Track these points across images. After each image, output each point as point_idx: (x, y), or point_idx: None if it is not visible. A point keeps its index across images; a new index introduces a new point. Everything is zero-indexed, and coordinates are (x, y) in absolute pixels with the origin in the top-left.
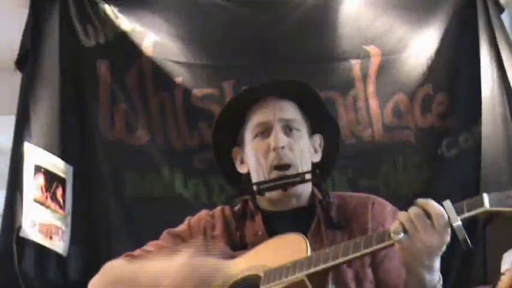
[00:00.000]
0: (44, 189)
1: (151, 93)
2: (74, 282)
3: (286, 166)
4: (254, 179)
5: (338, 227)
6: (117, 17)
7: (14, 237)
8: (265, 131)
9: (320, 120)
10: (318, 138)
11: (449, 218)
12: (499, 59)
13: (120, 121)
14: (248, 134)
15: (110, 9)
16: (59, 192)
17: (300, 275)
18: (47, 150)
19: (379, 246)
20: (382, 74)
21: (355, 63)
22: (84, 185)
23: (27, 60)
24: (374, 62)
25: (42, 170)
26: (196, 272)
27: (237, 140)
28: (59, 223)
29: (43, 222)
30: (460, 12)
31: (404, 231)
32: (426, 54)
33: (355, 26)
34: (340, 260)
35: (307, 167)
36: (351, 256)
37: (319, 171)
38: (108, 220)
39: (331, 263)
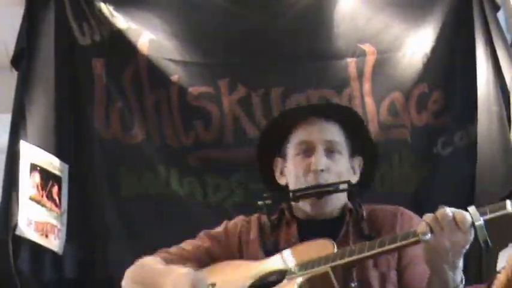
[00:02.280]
0: (39, 187)
1: (147, 92)
2: (70, 280)
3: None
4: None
5: (367, 238)
6: (112, 15)
7: (9, 235)
8: (307, 150)
9: (361, 143)
10: (358, 160)
11: (472, 218)
12: (494, 58)
13: (116, 119)
14: (291, 149)
15: (105, 8)
16: (55, 190)
17: (325, 266)
18: (43, 149)
19: (403, 242)
20: (378, 73)
21: (351, 62)
22: (79, 183)
23: (23, 58)
24: (369, 61)
25: (38, 168)
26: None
27: (280, 152)
28: (54, 221)
29: (39, 221)
30: (455, 11)
31: (431, 231)
32: (422, 52)
33: (351, 24)
34: (365, 254)
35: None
36: (376, 251)
37: (355, 186)
38: (103, 218)
39: (355, 257)
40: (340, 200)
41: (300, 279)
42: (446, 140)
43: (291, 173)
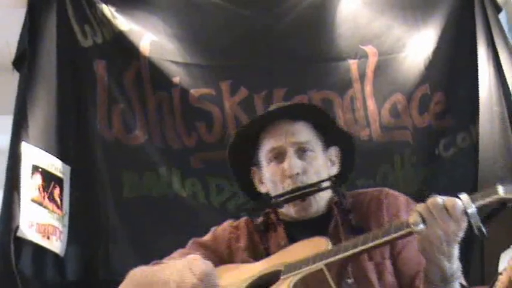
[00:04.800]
0: (41, 189)
1: (149, 93)
2: (71, 282)
3: None
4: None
5: (356, 229)
6: (114, 17)
7: (11, 237)
8: (278, 156)
9: (334, 134)
10: (334, 151)
11: (464, 205)
12: (496, 59)
13: (118, 121)
14: (263, 158)
15: (107, 9)
16: (57, 192)
17: (319, 264)
18: (45, 150)
19: (397, 234)
20: (380, 74)
21: (353, 63)
22: (81, 185)
23: (25, 60)
24: (371, 62)
25: (40, 169)
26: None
27: (253, 161)
28: (56, 223)
29: (40, 222)
30: (457, 12)
31: (423, 221)
32: (424, 54)
33: (353, 26)
34: (359, 248)
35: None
36: (369, 244)
37: (336, 179)
38: (105, 220)
39: (350, 252)
40: (323, 197)
41: (294, 278)
42: (448, 141)
43: (268, 181)
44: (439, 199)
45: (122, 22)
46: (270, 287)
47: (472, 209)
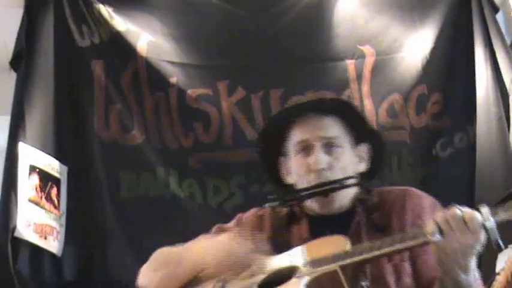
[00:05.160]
0: (38, 189)
1: (146, 93)
2: (69, 282)
3: None
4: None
5: (379, 228)
6: (111, 17)
7: (8, 238)
8: (305, 149)
9: (364, 131)
10: (364, 147)
11: (483, 219)
12: (493, 59)
13: (115, 121)
14: (291, 149)
15: (104, 10)
16: (54, 192)
17: (334, 265)
18: (42, 150)
19: (413, 243)
20: (377, 74)
21: (350, 63)
22: (79, 185)
23: (22, 60)
24: (369, 62)
25: (37, 170)
26: (235, 254)
27: (282, 151)
28: (53, 223)
29: (38, 222)
30: (454, 12)
31: (440, 231)
32: (421, 54)
33: (350, 26)
34: (375, 253)
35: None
36: (385, 250)
37: (363, 176)
38: (102, 220)
39: (364, 256)
40: (348, 193)
41: (307, 278)
42: (445, 141)
43: (294, 173)
44: (458, 211)
45: (119, 22)
46: (284, 283)
47: (490, 223)
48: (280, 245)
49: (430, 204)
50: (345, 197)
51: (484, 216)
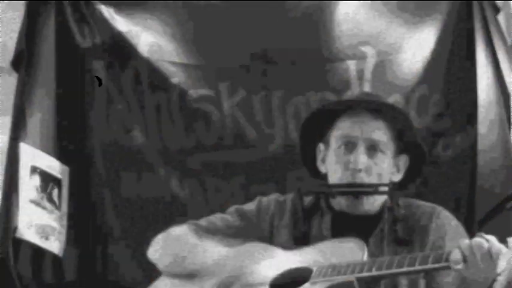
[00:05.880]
0: (40, 189)
1: (147, 94)
2: (70, 282)
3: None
4: (330, 181)
5: (400, 242)
6: (113, 18)
7: (10, 238)
8: (349, 144)
9: (408, 142)
10: (403, 158)
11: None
12: (495, 60)
13: (116, 122)
14: (333, 140)
15: (105, 10)
16: (55, 192)
17: (351, 276)
18: (43, 151)
19: (434, 266)
20: (378, 75)
21: (351, 64)
22: (80, 185)
23: (23, 60)
24: (370, 63)
25: (38, 170)
26: (248, 251)
27: (323, 138)
28: (54, 224)
29: (39, 223)
30: (456, 13)
31: (464, 260)
32: (422, 55)
33: (351, 26)
34: (393, 270)
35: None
36: (403, 269)
37: (396, 186)
38: (104, 221)
39: (382, 272)
40: (378, 199)
41: (322, 285)
42: (446, 142)
43: (331, 164)
44: (485, 241)
45: (121, 23)
46: (296, 286)
47: None
48: (298, 236)
49: (455, 227)
50: (375, 202)
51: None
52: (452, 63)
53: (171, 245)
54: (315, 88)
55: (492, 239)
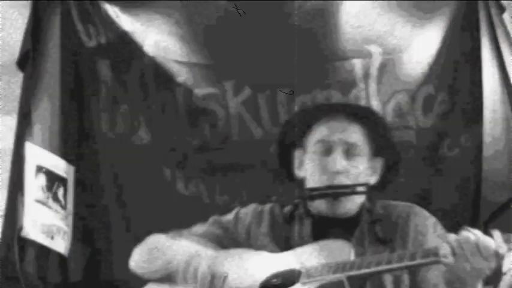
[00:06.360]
0: (45, 189)
1: (153, 93)
2: (75, 282)
3: None
4: (308, 186)
5: (382, 241)
6: (118, 17)
7: (15, 238)
8: (326, 149)
9: (383, 145)
10: (379, 161)
11: (497, 245)
12: (500, 59)
13: (122, 121)
14: (311, 145)
15: (111, 9)
16: (60, 192)
17: (341, 275)
18: (49, 151)
19: (423, 261)
20: (384, 74)
21: (357, 63)
22: (85, 185)
23: (29, 60)
24: (376, 62)
25: (44, 170)
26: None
27: (300, 143)
28: (60, 223)
29: (44, 222)
30: (461, 12)
31: (453, 253)
32: (428, 53)
33: (357, 25)
34: (383, 267)
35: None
36: (393, 265)
37: (372, 188)
38: (109, 220)
39: (373, 269)
40: (356, 201)
41: (312, 285)
42: (452, 141)
43: (308, 168)
44: (472, 236)
45: (126, 22)
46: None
47: (503, 250)
48: (279, 243)
49: (433, 224)
50: (353, 203)
51: (497, 243)
52: (458, 62)
53: (147, 252)
54: (321, 86)
55: (478, 233)
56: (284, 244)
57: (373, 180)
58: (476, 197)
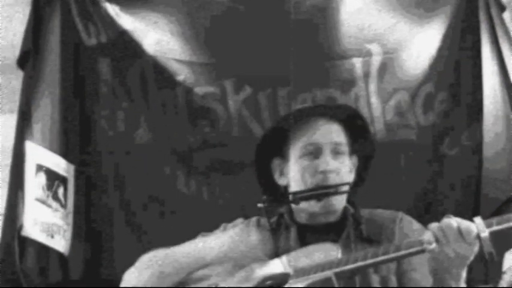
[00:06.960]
0: (45, 188)
1: (153, 92)
2: (75, 281)
3: None
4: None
5: (367, 240)
6: (118, 16)
7: (15, 236)
8: (314, 152)
9: (360, 143)
10: (354, 159)
11: (478, 230)
12: (500, 58)
13: (122, 120)
14: (295, 151)
15: (111, 8)
16: (61, 191)
17: (328, 272)
18: (49, 149)
19: (408, 251)
20: (384, 73)
21: (357, 62)
22: (85, 183)
23: (29, 59)
24: (376, 60)
25: (44, 168)
26: (236, 249)
27: (279, 152)
28: (60, 222)
29: (45, 221)
30: (461, 11)
31: (436, 240)
32: (428, 52)
33: (357, 24)
34: (369, 261)
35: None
36: (379, 258)
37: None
38: (109, 219)
39: (360, 263)
40: (341, 202)
41: (301, 285)
42: (452, 140)
43: (295, 174)
44: (454, 221)
45: (126, 21)
46: None
47: (485, 234)
48: (268, 253)
49: (419, 229)
50: (338, 206)
51: (479, 228)
52: (458, 61)
53: (142, 264)
54: (321, 85)
55: (459, 219)
56: (272, 254)
57: (351, 178)
58: (477, 196)
